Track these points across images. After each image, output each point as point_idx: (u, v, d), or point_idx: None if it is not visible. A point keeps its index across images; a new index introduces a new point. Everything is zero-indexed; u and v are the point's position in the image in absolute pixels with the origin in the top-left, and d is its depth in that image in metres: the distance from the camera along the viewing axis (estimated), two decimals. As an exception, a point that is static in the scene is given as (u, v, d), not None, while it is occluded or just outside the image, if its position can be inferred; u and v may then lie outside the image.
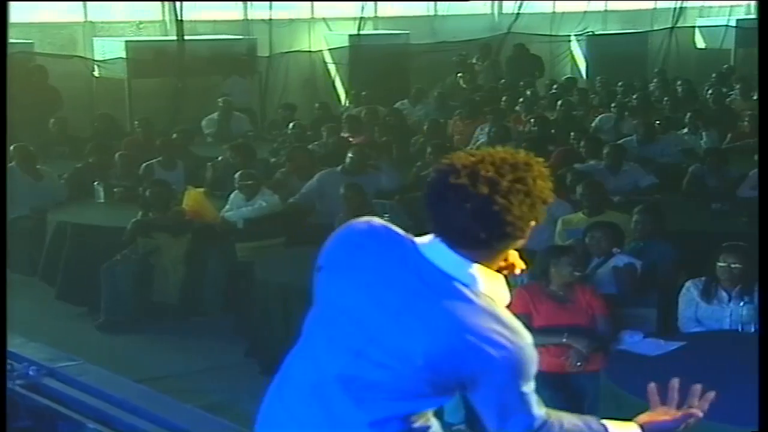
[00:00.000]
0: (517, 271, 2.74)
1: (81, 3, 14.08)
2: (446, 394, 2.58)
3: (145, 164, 9.91)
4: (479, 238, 2.44)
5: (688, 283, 6.16)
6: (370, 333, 2.52)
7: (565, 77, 17.21)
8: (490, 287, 2.51)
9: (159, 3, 14.75)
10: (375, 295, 2.52)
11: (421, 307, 2.47)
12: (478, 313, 2.45)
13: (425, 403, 2.60)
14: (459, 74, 16.17)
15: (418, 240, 2.57)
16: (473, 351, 2.43)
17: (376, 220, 2.64)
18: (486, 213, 2.40)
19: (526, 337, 2.51)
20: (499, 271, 2.62)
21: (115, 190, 9.37)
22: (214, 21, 15.31)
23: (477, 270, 2.49)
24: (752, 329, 5.68)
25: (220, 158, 10.10)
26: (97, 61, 13.89)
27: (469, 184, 2.41)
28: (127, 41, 13.90)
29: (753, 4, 21.62)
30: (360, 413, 2.57)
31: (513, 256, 2.73)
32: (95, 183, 9.39)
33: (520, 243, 2.54)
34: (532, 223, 2.49)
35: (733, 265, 5.96)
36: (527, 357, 2.49)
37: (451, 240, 2.48)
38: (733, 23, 19.56)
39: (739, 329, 5.72)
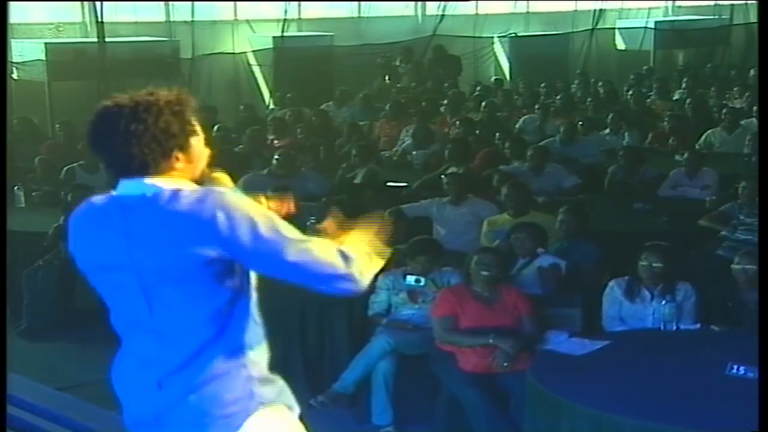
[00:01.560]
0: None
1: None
2: (221, 278, 2.79)
3: (66, 168, 9.77)
4: (127, 169, 2.84)
5: (611, 283, 6.25)
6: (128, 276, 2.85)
7: (494, 78, 17.36)
8: (170, 184, 2.83)
9: (78, 4, 14.54)
10: (101, 250, 2.90)
11: (124, 226, 2.82)
12: (166, 196, 2.80)
13: (216, 293, 2.80)
14: (386, 77, 16.22)
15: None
16: (171, 218, 2.75)
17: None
18: (115, 150, 2.81)
19: (212, 188, 2.84)
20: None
21: (33, 194, 9.22)
22: (136, 23, 15.12)
23: (149, 179, 2.84)
24: (674, 327, 5.77)
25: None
26: (15, 63, 13.65)
27: (96, 128, 2.84)
28: (46, 43, 13.68)
29: (670, 5, 22.02)
30: (170, 355, 2.83)
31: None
32: (15, 187, 9.23)
33: (190, 165, 2.90)
34: (175, 152, 2.84)
35: (654, 265, 6.05)
36: (224, 197, 2.77)
37: (122, 175, 2.87)
38: (651, 25, 19.86)
39: (662, 327, 5.80)
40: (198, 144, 2.94)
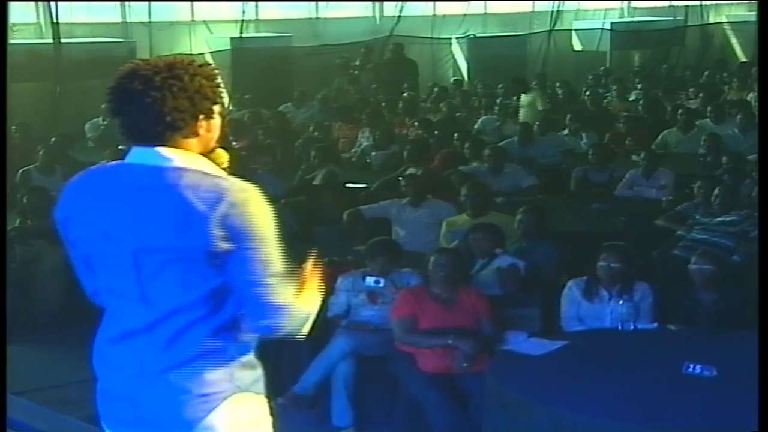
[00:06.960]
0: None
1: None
2: (213, 273, 2.74)
3: (22, 170, 9.67)
4: (149, 131, 2.75)
5: (569, 283, 6.27)
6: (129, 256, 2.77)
7: (453, 79, 17.41)
8: (187, 162, 2.76)
9: (33, 5, 14.40)
10: (103, 221, 2.81)
11: (134, 199, 2.75)
12: (182, 174, 2.72)
13: (211, 276, 2.75)
14: (346, 78, 16.22)
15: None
16: (185, 201, 2.68)
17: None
18: (145, 107, 2.72)
19: (237, 182, 2.76)
20: None
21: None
22: (92, 24, 15.02)
23: (166, 151, 2.76)
24: (632, 327, 5.80)
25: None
26: (-31, 64, 13.50)
27: (128, 83, 2.74)
28: (0, 44, 13.54)
29: (626, 6, 22.19)
30: (165, 354, 2.78)
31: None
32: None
33: (202, 136, 2.81)
34: (201, 117, 2.78)
35: (612, 265, 6.09)
36: (237, 192, 2.72)
37: (137, 140, 2.79)
38: (608, 26, 20.01)
39: (620, 327, 5.83)
40: (218, 115, 2.89)
